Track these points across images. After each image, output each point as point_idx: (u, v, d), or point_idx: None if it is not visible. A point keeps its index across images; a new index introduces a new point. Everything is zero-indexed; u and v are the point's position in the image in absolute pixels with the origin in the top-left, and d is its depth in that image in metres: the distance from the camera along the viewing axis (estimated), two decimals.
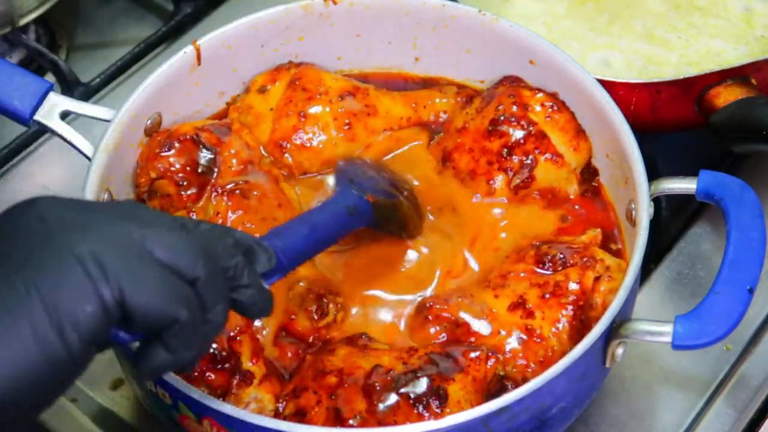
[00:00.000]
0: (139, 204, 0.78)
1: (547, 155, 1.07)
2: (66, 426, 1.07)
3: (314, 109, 1.12)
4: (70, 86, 1.35)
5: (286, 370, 0.98)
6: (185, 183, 1.05)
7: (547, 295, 0.98)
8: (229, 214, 1.03)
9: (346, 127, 1.12)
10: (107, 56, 1.41)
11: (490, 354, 0.94)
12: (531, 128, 1.07)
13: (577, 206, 1.08)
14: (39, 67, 1.39)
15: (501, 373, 0.95)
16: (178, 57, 1.10)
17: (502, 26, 1.12)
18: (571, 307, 0.97)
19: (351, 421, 0.89)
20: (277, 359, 0.98)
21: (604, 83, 1.07)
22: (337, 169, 1.08)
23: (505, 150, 1.07)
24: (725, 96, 1.14)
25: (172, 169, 1.06)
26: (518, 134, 1.07)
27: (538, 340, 0.96)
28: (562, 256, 1.00)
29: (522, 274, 1.00)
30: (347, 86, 1.14)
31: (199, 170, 1.06)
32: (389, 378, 0.90)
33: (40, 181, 1.30)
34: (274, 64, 1.16)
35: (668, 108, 1.16)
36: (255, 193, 1.04)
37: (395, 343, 0.99)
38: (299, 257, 0.88)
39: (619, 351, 0.94)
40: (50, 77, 1.37)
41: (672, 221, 1.24)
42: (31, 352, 0.66)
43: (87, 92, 1.36)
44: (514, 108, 1.08)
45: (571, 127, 1.09)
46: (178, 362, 0.73)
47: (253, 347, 0.96)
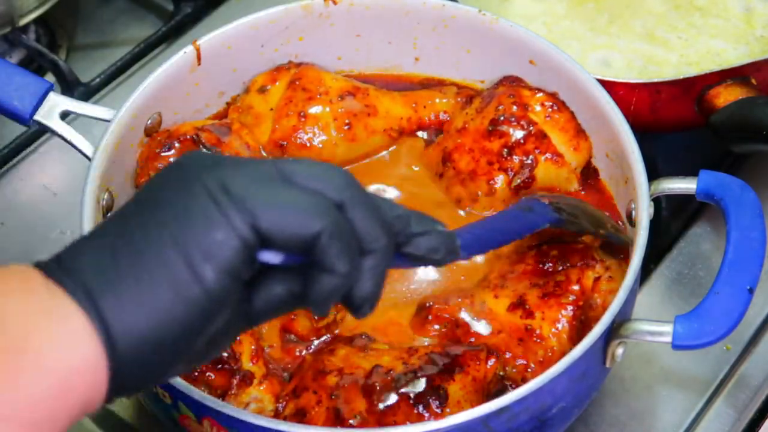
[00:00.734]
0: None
1: (548, 155, 1.07)
2: None
3: (314, 109, 1.12)
4: (70, 86, 1.35)
5: (286, 370, 0.98)
6: None
7: (547, 296, 0.98)
8: None
9: (346, 127, 1.12)
10: (107, 56, 1.41)
11: (490, 354, 0.94)
12: (531, 128, 1.07)
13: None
14: (39, 67, 1.39)
15: (501, 374, 0.95)
16: (178, 57, 1.10)
17: (502, 26, 1.12)
18: (570, 308, 0.97)
19: (351, 421, 0.89)
20: (277, 359, 0.98)
21: (604, 83, 1.07)
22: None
23: (506, 150, 1.07)
24: (725, 96, 1.14)
25: None
26: (518, 134, 1.07)
27: (538, 340, 0.96)
28: (561, 255, 1.00)
29: (522, 274, 1.00)
30: (347, 86, 1.14)
31: None
32: (389, 378, 0.90)
33: (40, 181, 1.30)
34: (274, 64, 1.16)
35: (668, 108, 1.16)
36: None
37: (395, 343, 0.99)
38: (477, 241, 0.84)
39: (619, 351, 0.94)
40: (50, 77, 1.37)
41: (672, 221, 1.24)
42: (164, 293, 0.63)
43: (87, 92, 1.36)
44: (514, 108, 1.08)
45: (571, 126, 1.09)
46: (344, 281, 0.67)
47: (253, 347, 0.96)
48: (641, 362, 1.10)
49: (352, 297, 0.69)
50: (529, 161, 1.06)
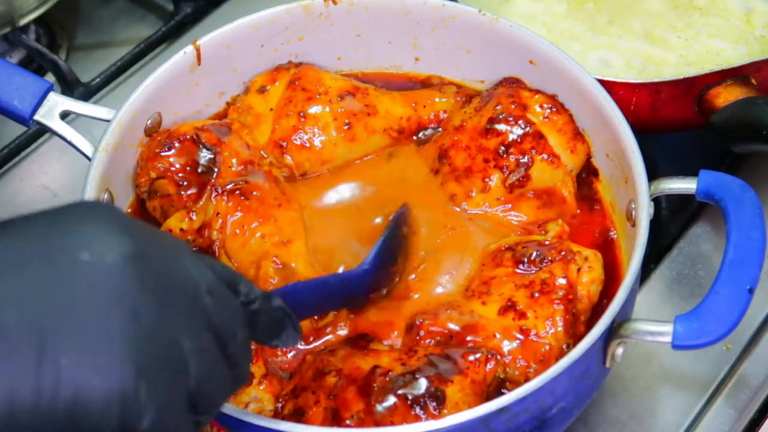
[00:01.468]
0: None
1: (544, 155, 1.07)
2: None
3: (314, 109, 1.12)
4: (70, 86, 1.35)
5: (285, 370, 0.98)
6: (185, 183, 1.05)
7: (537, 294, 0.97)
8: (229, 214, 1.03)
9: (346, 127, 1.12)
10: (107, 56, 1.41)
11: (489, 356, 0.94)
12: (528, 128, 1.07)
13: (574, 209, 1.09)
14: (39, 67, 1.39)
15: (501, 376, 0.95)
16: (178, 57, 1.10)
17: (502, 26, 1.12)
18: (561, 302, 0.97)
19: (348, 421, 0.89)
20: (277, 359, 0.98)
21: (604, 83, 1.07)
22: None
23: (502, 148, 1.07)
24: (725, 96, 1.14)
25: (172, 169, 1.06)
26: (515, 133, 1.07)
27: (535, 338, 0.96)
28: (538, 253, 1.00)
29: (504, 278, 1.00)
30: (347, 86, 1.14)
31: (199, 170, 1.06)
32: (387, 379, 0.90)
33: (40, 181, 1.30)
34: (274, 64, 1.16)
35: (668, 108, 1.16)
36: (255, 193, 1.04)
37: (395, 344, 0.99)
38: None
39: (619, 351, 0.94)
40: (50, 77, 1.37)
41: (672, 221, 1.24)
42: None
43: (87, 92, 1.36)
44: (513, 107, 1.08)
45: (569, 129, 1.09)
46: None
47: (253, 347, 0.95)
48: (641, 362, 1.10)
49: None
50: (525, 160, 1.06)
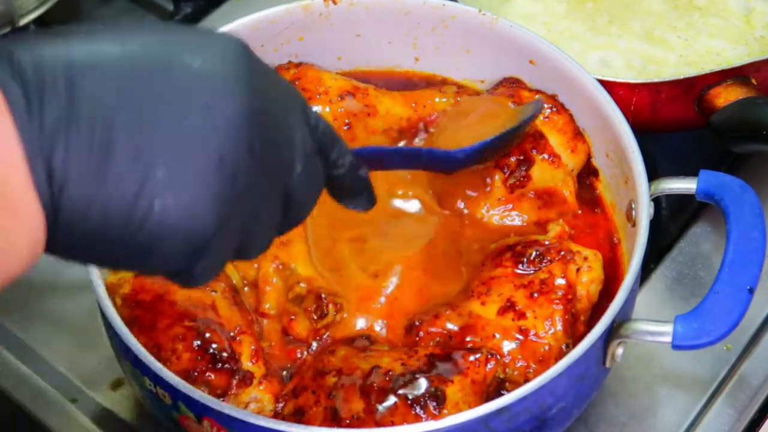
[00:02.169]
0: None
1: (544, 155, 1.07)
2: (66, 426, 1.07)
3: (314, 109, 1.11)
4: None
5: (286, 370, 0.98)
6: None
7: (536, 294, 0.97)
8: None
9: (346, 127, 1.12)
10: None
11: (489, 356, 0.94)
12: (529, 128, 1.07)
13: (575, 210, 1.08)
14: None
15: (501, 377, 0.95)
16: None
17: (502, 26, 1.12)
18: (561, 302, 0.97)
19: (348, 421, 0.89)
20: (277, 359, 0.98)
21: (604, 83, 1.07)
22: None
23: None
24: (725, 96, 1.14)
25: None
26: None
27: (534, 339, 0.96)
28: (538, 253, 1.00)
29: (504, 278, 1.00)
30: (347, 86, 1.14)
31: None
32: (387, 379, 0.90)
33: None
34: (274, 64, 1.16)
35: (668, 108, 1.16)
36: None
37: (395, 344, 0.99)
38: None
39: (619, 351, 0.94)
40: None
41: (672, 221, 1.24)
42: None
43: None
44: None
45: (570, 129, 1.09)
46: None
47: (253, 347, 0.96)
48: (641, 362, 1.10)
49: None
50: (525, 160, 1.06)
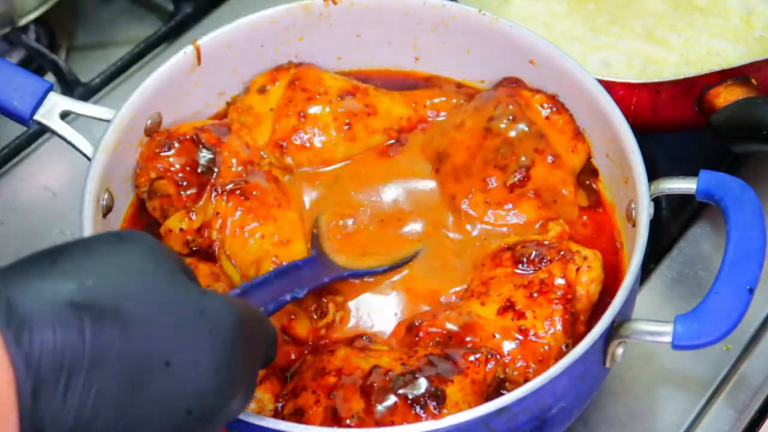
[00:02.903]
0: None
1: (545, 155, 1.07)
2: None
3: (314, 109, 1.12)
4: (70, 86, 1.35)
5: (286, 370, 0.98)
6: (185, 183, 1.05)
7: (535, 294, 0.97)
8: (228, 215, 1.03)
9: (346, 127, 1.12)
10: (107, 56, 1.41)
11: (489, 356, 0.94)
12: (529, 128, 1.07)
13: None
14: (39, 67, 1.39)
15: (501, 377, 0.95)
16: (178, 57, 1.10)
17: (502, 26, 1.12)
18: (560, 302, 0.97)
19: (348, 421, 0.89)
20: (277, 359, 0.98)
21: (604, 83, 1.07)
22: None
23: (502, 148, 1.07)
24: (725, 96, 1.14)
25: (172, 169, 1.06)
26: (516, 133, 1.07)
27: (534, 338, 0.96)
28: (538, 253, 1.00)
29: (503, 278, 1.00)
30: (347, 86, 1.14)
31: (199, 170, 1.06)
32: (387, 379, 0.90)
33: (40, 181, 1.30)
34: (274, 64, 1.16)
35: (668, 108, 1.16)
36: (255, 193, 1.05)
37: (395, 344, 0.99)
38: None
39: (619, 351, 0.94)
40: (50, 77, 1.37)
41: (672, 221, 1.24)
42: None
43: (87, 92, 1.36)
44: (513, 107, 1.08)
45: (570, 128, 1.09)
46: None
47: None
48: (641, 362, 1.10)
49: None
50: (525, 160, 1.06)
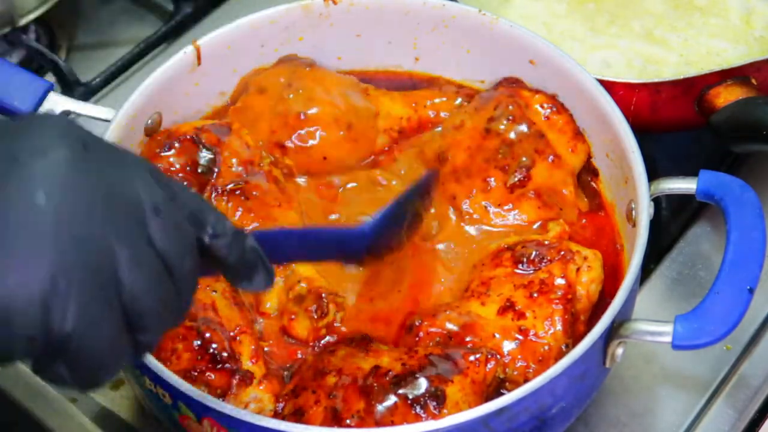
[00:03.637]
0: None
1: (544, 155, 1.07)
2: (66, 426, 1.07)
3: (314, 110, 1.12)
4: (70, 86, 1.35)
5: (286, 370, 0.98)
6: (185, 183, 1.05)
7: (535, 294, 0.97)
8: (229, 215, 1.03)
9: (347, 127, 1.12)
10: (107, 56, 1.41)
11: (489, 356, 0.94)
12: (529, 128, 1.07)
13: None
14: (39, 67, 1.39)
15: (501, 377, 0.95)
16: (178, 57, 1.10)
17: (502, 26, 1.12)
18: (560, 302, 0.97)
19: (348, 421, 0.89)
20: (277, 359, 0.98)
21: (604, 83, 1.07)
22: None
23: (503, 148, 1.07)
24: (725, 96, 1.14)
25: (172, 169, 1.06)
26: (516, 133, 1.07)
27: (534, 339, 0.96)
28: (538, 253, 1.00)
29: (503, 278, 1.00)
30: (347, 86, 1.14)
31: (199, 170, 1.06)
32: (387, 379, 0.90)
33: None
34: (273, 63, 1.16)
35: (668, 108, 1.16)
36: (255, 193, 1.05)
37: (395, 344, 0.99)
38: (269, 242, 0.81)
39: (619, 351, 0.94)
40: (50, 77, 1.37)
41: (672, 221, 1.24)
42: None
43: (87, 92, 1.36)
44: (513, 107, 1.08)
45: (570, 128, 1.09)
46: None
47: (253, 347, 0.96)
48: (641, 362, 1.10)
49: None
50: (525, 160, 1.06)
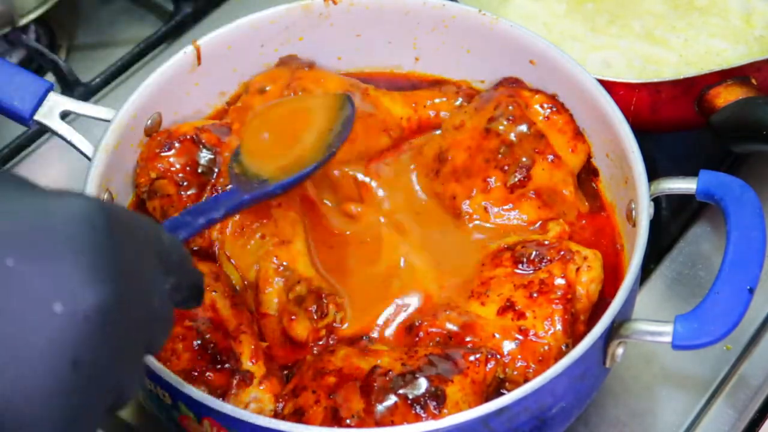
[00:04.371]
0: None
1: (544, 155, 1.07)
2: None
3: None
4: (70, 86, 1.35)
5: (286, 370, 0.98)
6: (185, 183, 1.05)
7: (535, 294, 0.97)
8: None
9: None
10: (107, 56, 1.41)
11: (489, 356, 0.94)
12: (529, 128, 1.07)
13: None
14: (39, 67, 1.39)
15: (501, 377, 0.95)
16: (178, 57, 1.10)
17: (502, 26, 1.12)
18: (560, 302, 0.97)
19: (348, 421, 0.89)
20: (277, 359, 0.98)
21: (604, 83, 1.07)
22: None
23: (502, 148, 1.07)
24: (725, 96, 1.14)
25: (172, 169, 1.06)
26: (516, 133, 1.07)
27: (534, 339, 0.96)
28: (538, 253, 1.00)
29: (503, 278, 1.00)
30: (346, 86, 1.14)
31: (199, 170, 1.06)
32: (387, 379, 0.90)
33: (40, 181, 1.28)
34: (274, 64, 1.16)
35: (668, 108, 1.16)
36: None
37: (395, 344, 0.99)
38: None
39: (619, 351, 0.94)
40: (50, 77, 1.37)
41: (672, 221, 1.24)
42: None
43: (87, 92, 1.36)
44: (513, 107, 1.08)
45: (570, 128, 1.09)
46: None
47: (253, 347, 0.96)
48: (641, 362, 1.10)
49: None
50: (525, 160, 1.06)
